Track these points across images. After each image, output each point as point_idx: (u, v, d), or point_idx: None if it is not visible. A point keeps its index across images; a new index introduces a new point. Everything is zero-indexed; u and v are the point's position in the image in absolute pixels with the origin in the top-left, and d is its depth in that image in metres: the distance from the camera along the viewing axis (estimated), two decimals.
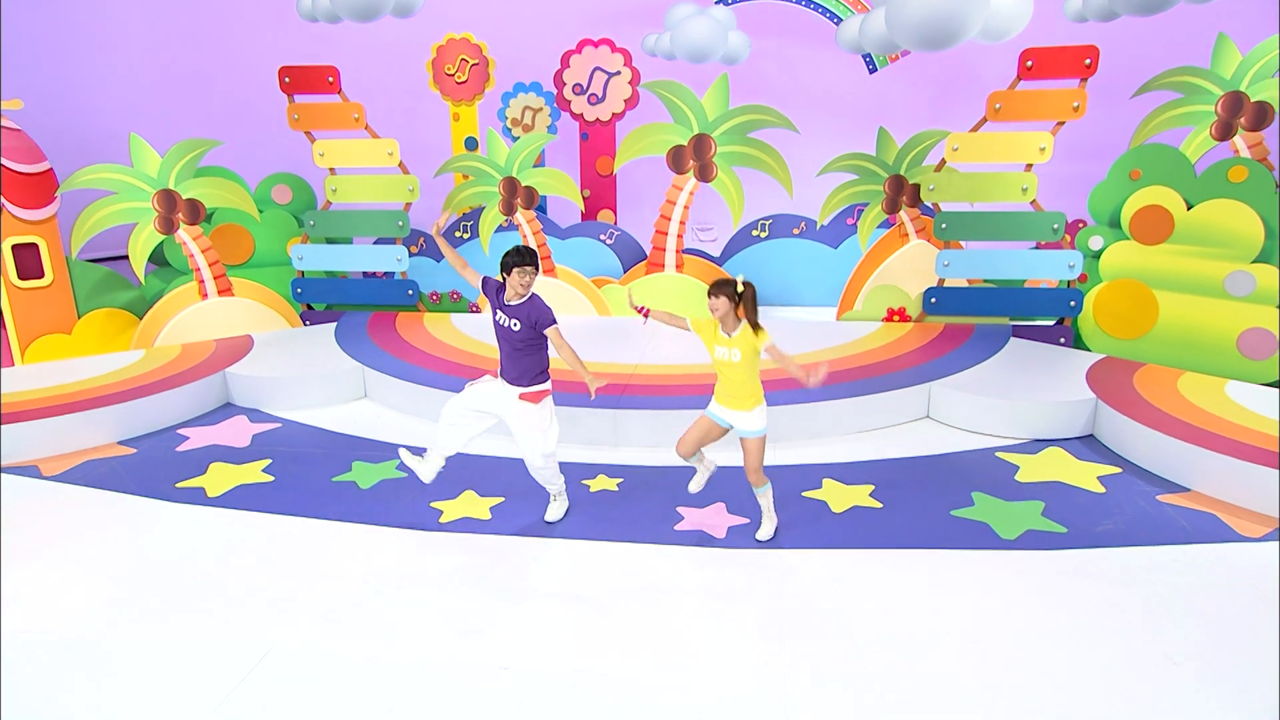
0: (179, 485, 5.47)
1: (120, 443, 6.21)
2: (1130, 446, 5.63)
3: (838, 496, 5.17)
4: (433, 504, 5.12)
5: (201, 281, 8.32)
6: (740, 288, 4.24)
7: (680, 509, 5.01)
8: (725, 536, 4.72)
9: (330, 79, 8.38)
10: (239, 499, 5.26)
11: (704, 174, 8.82)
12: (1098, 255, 7.68)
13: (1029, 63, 7.38)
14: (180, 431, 6.42)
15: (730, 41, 10.27)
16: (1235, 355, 6.81)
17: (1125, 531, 4.67)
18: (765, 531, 4.66)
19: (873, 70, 10.63)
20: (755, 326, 4.27)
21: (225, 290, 8.45)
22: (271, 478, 5.56)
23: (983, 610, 3.98)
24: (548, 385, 4.69)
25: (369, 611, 4.06)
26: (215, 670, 3.61)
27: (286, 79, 8.40)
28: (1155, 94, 8.23)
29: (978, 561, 4.42)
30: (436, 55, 10.26)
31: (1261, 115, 7.47)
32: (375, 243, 8.98)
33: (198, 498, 5.30)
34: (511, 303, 4.51)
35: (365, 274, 9.27)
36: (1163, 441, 5.35)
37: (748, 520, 4.86)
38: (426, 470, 4.89)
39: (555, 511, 4.94)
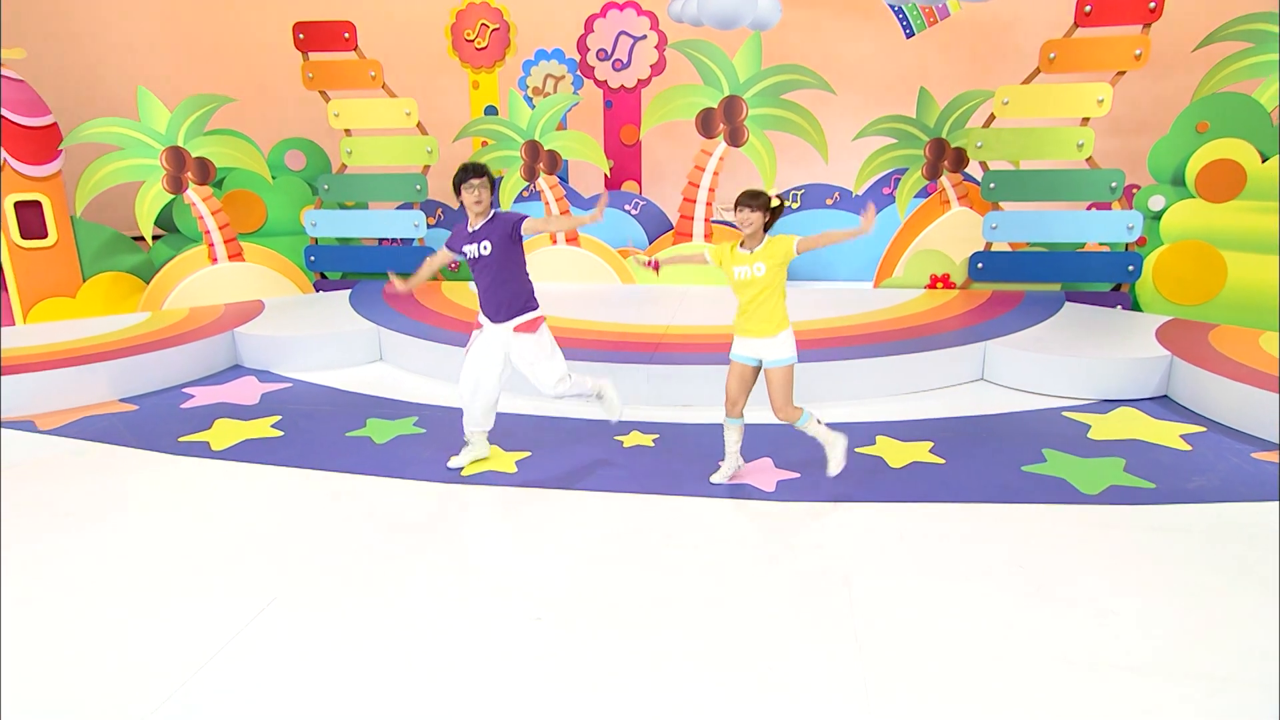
0: (181, 439, 5.10)
1: (121, 400, 5.85)
2: (1213, 405, 5.15)
3: (894, 452, 4.72)
4: (451, 460, 4.71)
5: (211, 245, 7.98)
6: (775, 202, 3.84)
7: (723, 463, 4.57)
8: (775, 490, 4.28)
9: (346, 35, 8.04)
10: (245, 452, 4.88)
11: (734, 138, 8.42)
12: (1158, 216, 7.20)
13: (1087, 8, 6.93)
14: (185, 390, 6.05)
15: (760, 6, 9.85)
16: None
17: (1221, 488, 4.20)
18: (836, 460, 4.16)
19: (910, 34, 10.19)
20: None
21: (236, 255, 8.10)
22: (281, 433, 5.18)
23: (1071, 564, 3.52)
24: (539, 312, 4.36)
25: (386, 562, 3.66)
26: (213, 620, 3.21)
27: (301, 35, 8.07)
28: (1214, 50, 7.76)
29: (1059, 515, 3.96)
30: (455, 20, 9.91)
31: None
32: (399, 208, 8.59)
33: (201, 451, 4.92)
34: (476, 228, 4.19)
35: (381, 241, 8.91)
36: (1254, 397, 4.87)
37: (798, 475, 4.42)
38: (480, 451, 4.60)
39: (611, 406, 4.55)
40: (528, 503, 4.22)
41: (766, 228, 3.91)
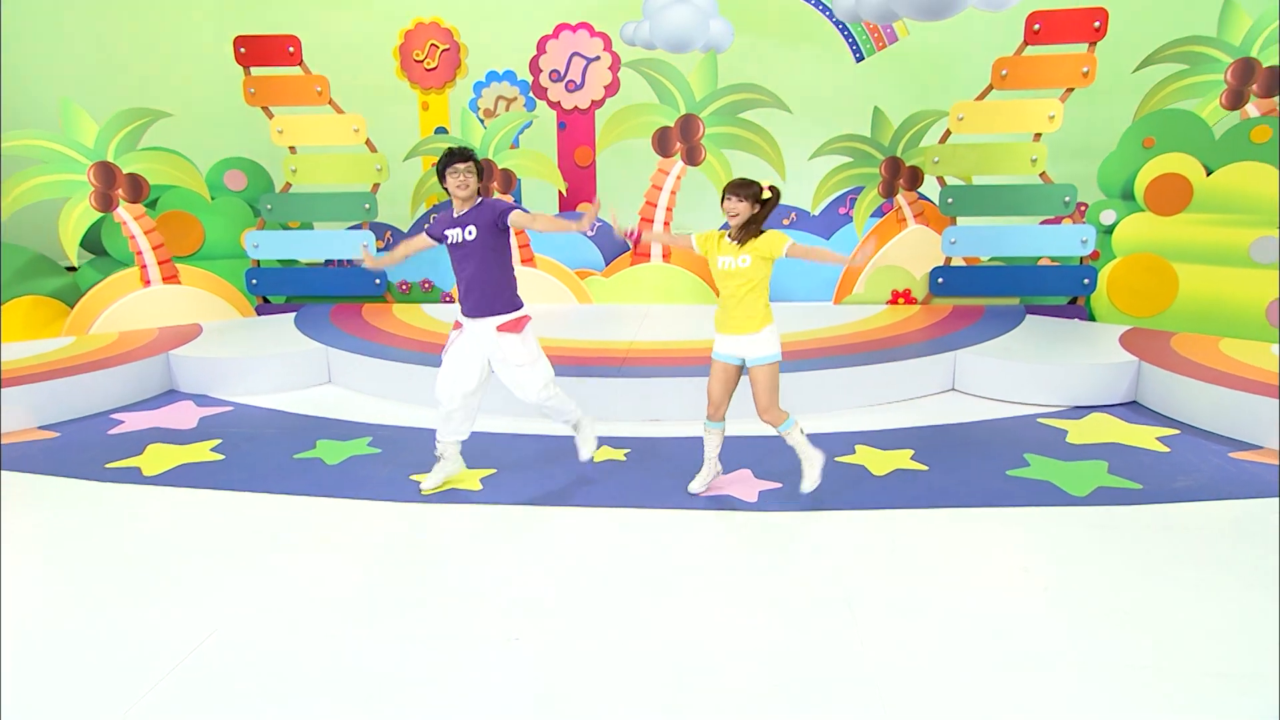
0: (109, 466, 4.66)
1: (41, 427, 5.36)
2: (1184, 408, 5.14)
3: (876, 460, 4.57)
4: (413, 476, 4.39)
5: (144, 267, 7.52)
6: (766, 193, 3.70)
7: (701, 471, 4.35)
8: (757, 500, 4.07)
9: (291, 49, 7.75)
10: (182, 477, 4.48)
11: (691, 157, 8.34)
12: (1110, 230, 7.31)
13: (1036, 26, 7.07)
14: (114, 416, 5.59)
15: (712, 29, 9.90)
16: (1264, 326, 6.42)
17: (1207, 486, 4.14)
18: (811, 478, 3.98)
19: (860, 58, 10.34)
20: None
21: (171, 278, 7.65)
22: (221, 456, 4.78)
23: (1073, 565, 3.38)
24: (525, 311, 4.10)
25: (343, 587, 3.32)
26: (146, 655, 2.84)
27: (242, 49, 7.75)
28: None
29: (1052, 517, 3.84)
30: (403, 41, 9.70)
31: (1274, 81, 7.24)
32: (350, 229, 8.24)
33: (132, 477, 4.50)
34: (462, 213, 3.96)
35: (328, 263, 8.53)
36: (1225, 399, 4.87)
37: (780, 485, 4.22)
38: (454, 466, 4.28)
39: (586, 441, 4.29)
40: (497, 521, 3.93)
41: (756, 220, 3.75)
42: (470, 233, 3.90)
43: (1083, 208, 8.26)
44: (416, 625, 3.02)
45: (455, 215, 3.98)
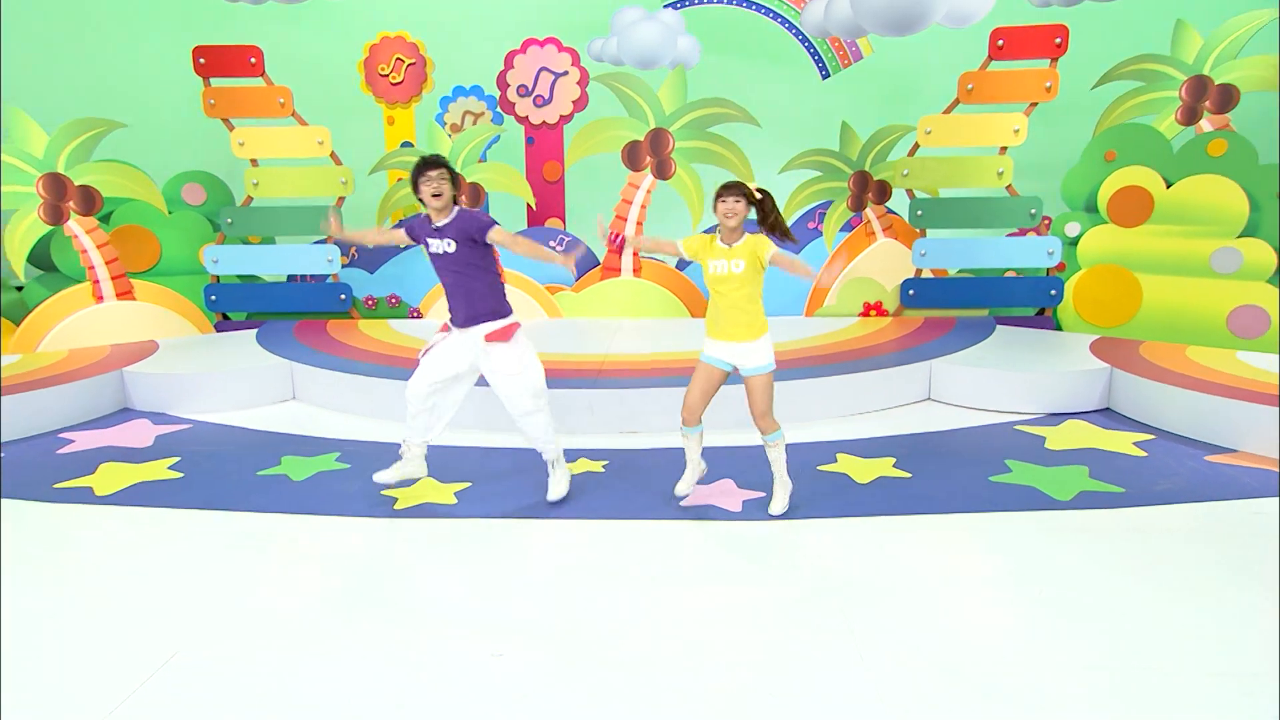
0: (58, 486, 4.42)
1: None
2: (1157, 413, 5.18)
3: (858, 469, 4.51)
4: (385, 491, 4.22)
5: (96, 282, 7.24)
6: (759, 195, 3.65)
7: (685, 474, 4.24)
8: (741, 510, 3.98)
9: (253, 60, 7.58)
10: (137, 496, 4.26)
11: (661, 171, 8.31)
12: (1075, 242, 7.42)
13: (1000, 42, 7.19)
14: (63, 435, 5.33)
15: (680, 46, 9.93)
16: (1226, 335, 6.53)
17: (1186, 489, 4.15)
18: (779, 502, 3.92)
19: (826, 76, 10.45)
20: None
21: (125, 293, 7.37)
22: (180, 474, 4.56)
23: (1064, 568, 3.35)
24: (514, 318, 3.96)
25: (312, 605, 3.16)
26: (101, 682, 2.65)
27: (201, 60, 7.56)
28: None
29: (1038, 521, 3.81)
30: (368, 55, 9.56)
31: (1227, 97, 7.44)
32: (316, 243, 8.03)
33: (84, 497, 4.26)
34: (440, 224, 3.82)
35: (291, 278, 8.31)
36: (1197, 404, 4.91)
37: (763, 494, 4.13)
38: (413, 469, 4.08)
39: (558, 485, 4.11)
40: (474, 534, 3.78)
41: (762, 223, 3.70)
42: (449, 245, 3.78)
43: (1047, 221, 8.39)
44: (393, 644, 2.86)
45: (434, 225, 3.85)
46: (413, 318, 8.12)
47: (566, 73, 9.53)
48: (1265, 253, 6.45)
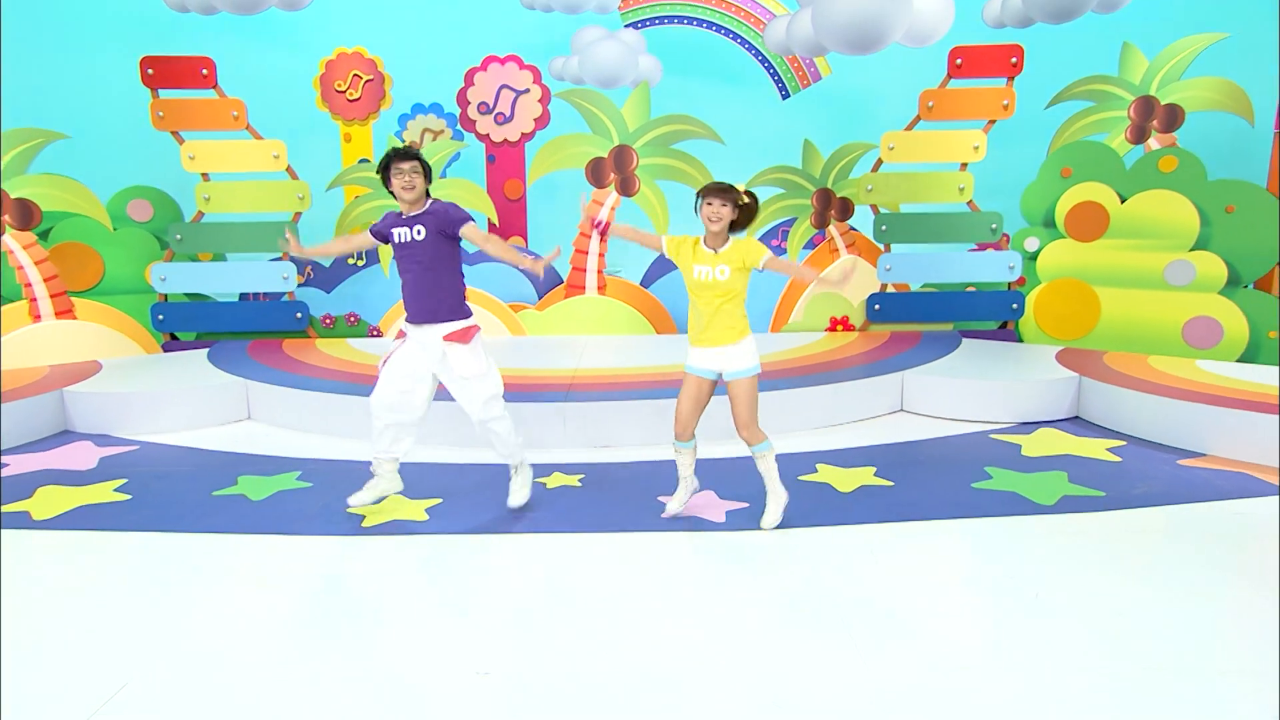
0: None
1: None
2: (1126, 421, 5.24)
3: (839, 478, 4.44)
4: (350, 510, 4.01)
5: (34, 300, 6.88)
6: (744, 198, 3.57)
7: (663, 498, 4.12)
8: (726, 520, 3.87)
9: (205, 71, 7.35)
10: (81, 519, 3.97)
11: (626, 188, 8.26)
12: (1034, 256, 7.55)
13: (958, 60, 7.32)
14: None
15: (641, 65, 9.96)
16: (1182, 345, 6.68)
17: (1166, 492, 4.16)
18: (772, 515, 3.78)
19: (786, 96, 10.56)
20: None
21: (65, 312, 7.02)
22: (127, 496, 4.28)
23: (1056, 570, 3.30)
24: (473, 320, 3.83)
25: (280, 628, 2.94)
26: (49, 714, 2.41)
27: (150, 70, 7.30)
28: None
29: (1024, 525, 3.77)
30: (325, 71, 9.38)
31: (1173, 117, 7.69)
32: (272, 260, 7.75)
33: (20, 522, 3.96)
34: (412, 214, 3.70)
35: (244, 296, 8.01)
36: (1167, 410, 4.97)
37: (748, 505, 4.03)
38: (388, 485, 3.89)
39: (519, 490, 3.97)
40: (450, 550, 3.60)
41: (734, 228, 3.62)
42: (419, 232, 3.65)
43: (1006, 237, 8.54)
44: (370, 666, 2.67)
45: (403, 216, 3.72)
46: (372, 336, 7.89)
47: (528, 90, 9.47)
48: (1216, 265, 6.63)
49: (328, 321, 7.84)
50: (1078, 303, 7.23)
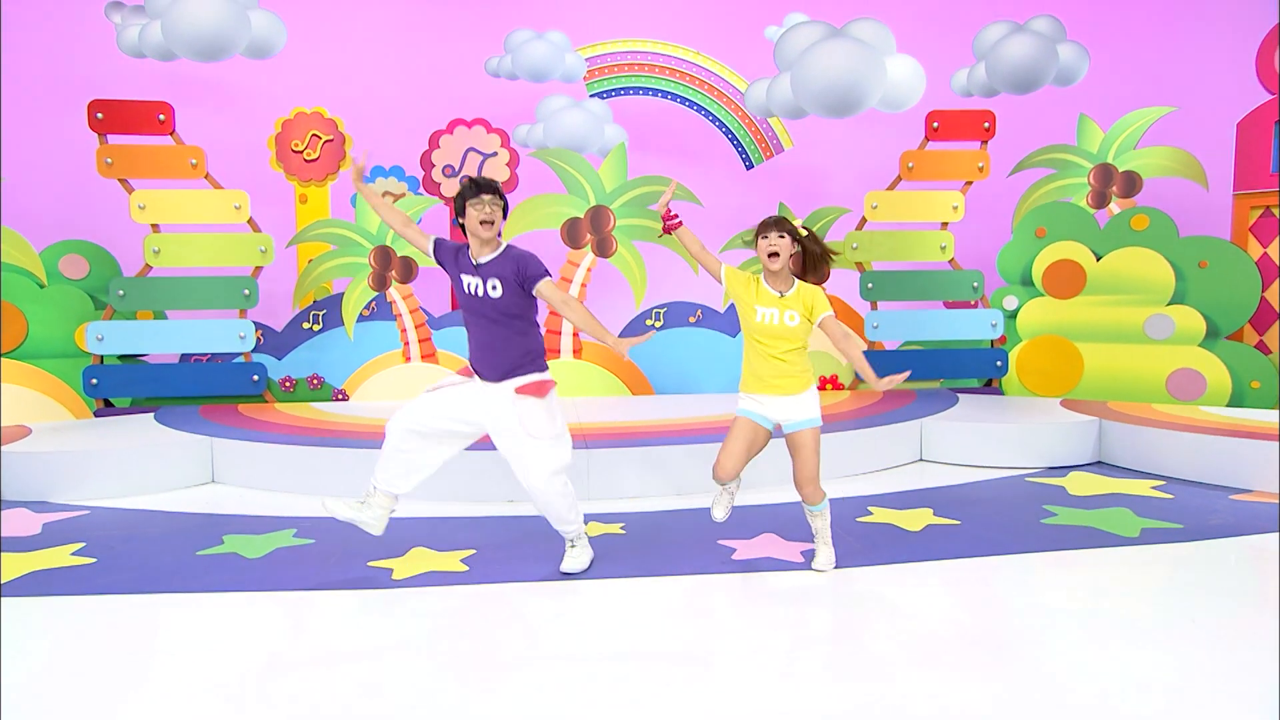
0: None
1: None
2: (1155, 462, 5.15)
3: (901, 519, 4.13)
4: (372, 564, 3.44)
5: None
6: (803, 232, 3.34)
7: (724, 541, 3.72)
8: (803, 560, 3.49)
9: (162, 117, 6.86)
10: (38, 585, 3.27)
11: (602, 249, 8.05)
12: (1014, 315, 7.65)
13: (935, 124, 7.53)
14: None
15: (606, 134, 9.94)
16: (1167, 397, 6.77)
17: (1239, 524, 4.00)
18: (824, 561, 3.43)
19: (749, 167, 10.70)
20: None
21: None
22: (92, 559, 3.58)
23: (1172, 601, 3.06)
24: (549, 375, 3.38)
25: (322, 688, 2.38)
26: None
27: (99, 115, 6.76)
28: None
29: (1122, 556, 3.54)
30: (281, 130, 8.97)
31: (1131, 183, 8.05)
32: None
33: None
34: (481, 260, 3.23)
35: (184, 358, 7.27)
36: (1199, 448, 4.90)
37: (811, 545, 3.65)
38: (372, 517, 3.31)
39: (575, 560, 3.44)
40: (493, 601, 3.10)
41: (805, 266, 3.38)
42: (494, 288, 3.19)
43: (985, 298, 8.69)
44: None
45: (474, 261, 3.25)
46: (337, 399, 7.26)
47: (495, 153, 9.28)
48: (1194, 319, 6.81)
49: (287, 385, 7.18)
50: (1061, 358, 7.31)
